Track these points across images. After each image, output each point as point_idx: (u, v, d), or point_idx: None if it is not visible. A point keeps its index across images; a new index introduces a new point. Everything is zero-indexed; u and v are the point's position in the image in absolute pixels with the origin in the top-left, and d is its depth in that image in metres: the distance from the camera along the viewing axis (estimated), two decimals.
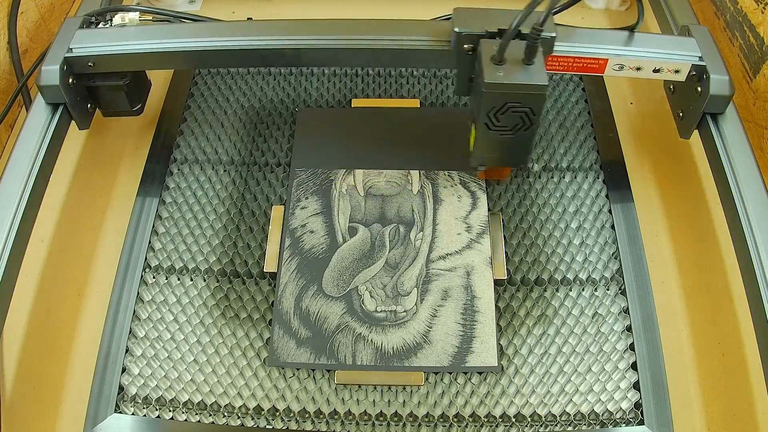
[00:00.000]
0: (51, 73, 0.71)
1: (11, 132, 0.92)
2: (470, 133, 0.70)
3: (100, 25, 0.78)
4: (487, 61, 0.62)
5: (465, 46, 0.66)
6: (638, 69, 0.72)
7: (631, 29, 0.73)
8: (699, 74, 0.72)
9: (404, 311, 0.71)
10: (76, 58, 0.73)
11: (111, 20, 0.78)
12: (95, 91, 0.78)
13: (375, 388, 0.67)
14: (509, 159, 0.71)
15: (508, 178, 0.81)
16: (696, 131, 0.76)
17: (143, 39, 0.73)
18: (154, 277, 0.75)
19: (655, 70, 0.73)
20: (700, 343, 0.73)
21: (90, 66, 0.74)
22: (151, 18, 0.80)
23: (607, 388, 0.67)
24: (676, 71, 0.73)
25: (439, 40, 0.70)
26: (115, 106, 0.80)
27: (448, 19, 0.76)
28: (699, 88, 0.72)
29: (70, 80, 0.73)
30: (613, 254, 0.76)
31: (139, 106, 0.82)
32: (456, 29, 0.66)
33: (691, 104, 0.74)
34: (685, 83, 0.74)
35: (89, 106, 0.78)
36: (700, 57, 0.72)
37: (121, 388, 0.67)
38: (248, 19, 0.92)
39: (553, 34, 0.66)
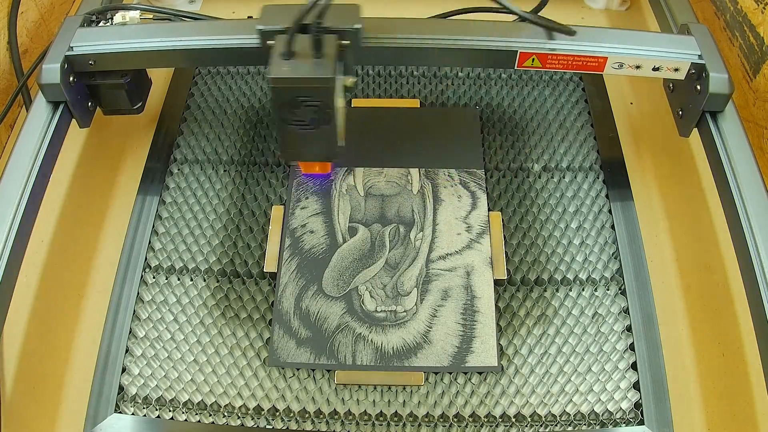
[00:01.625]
0: (52, 71, 0.71)
1: (11, 132, 0.92)
2: None
3: (101, 24, 0.78)
4: (276, 56, 0.62)
5: (268, 42, 0.65)
6: (638, 67, 0.72)
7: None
8: (698, 72, 0.72)
9: (404, 311, 0.71)
10: (76, 56, 0.73)
11: (112, 19, 0.78)
12: (96, 90, 0.78)
13: (375, 388, 0.67)
14: (317, 153, 0.70)
15: (501, 176, 0.81)
16: (695, 130, 0.76)
17: (144, 37, 0.73)
18: (154, 277, 0.75)
19: (655, 69, 0.73)
20: (700, 343, 0.73)
21: (91, 64, 0.74)
22: (151, 17, 0.80)
23: (607, 388, 0.67)
24: (676, 69, 0.73)
25: (251, 38, 0.70)
26: (116, 104, 0.80)
27: (447, 17, 0.76)
28: (698, 87, 0.72)
29: (71, 78, 0.73)
30: (613, 254, 0.76)
31: (140, 104, 0.82)
32: (258, 26, 0.66)
33: (691, 102, 0.74)
34: (685, 81, 0.74)
35: (90, 104, 0.78)
36: (699, 55, 0.72)
37: (121, 388, 0.67)
38: (248, 17, 0.92)
39: (358, 26, 0.65)
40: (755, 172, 0.69)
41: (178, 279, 0.75)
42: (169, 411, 0.66)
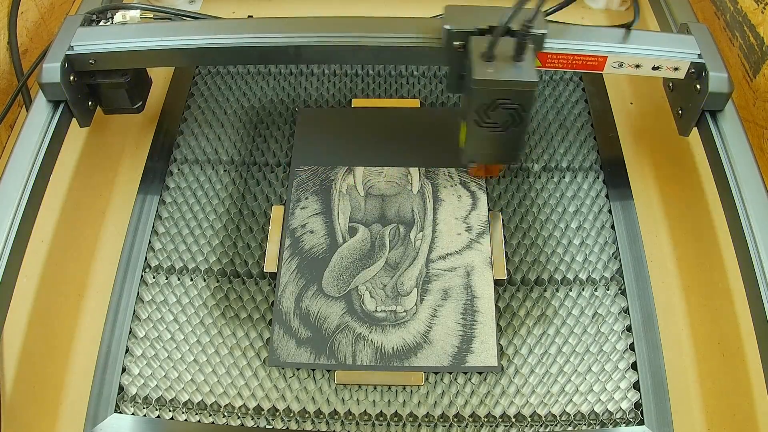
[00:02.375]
0: (52, 70, 0.71)
1: (11, 132, 0.92)
2: (460, 130, 0.70)
3: (101, 23, 0.78)
4: (477, 58, 0.62)
5: (455, 43, 0.66)
6: (637, 66, 0.72)
7: (627, 27, 0.73)
8: (698, 72, 0.72)
9: (404, 311, 0.71)
10: (77, 55, 0.73)
11: (112, 18, 0.79)
12: (96, 89, 0.78)
13: (375, 388, 0.67)
14: (500, 156, 0.71)
15: (502, 176, 0.81)
16: (695, 129, 0.76)
17: (144, 37, 0.73)
18: (154, 277, 0.75)
19: (654, 68, 0.73)
20: (700, 343, 0.73)
21: (91, 63, 0.74)
22: (151, 16, 0.80)
23: (607, 388, 0.67)
24: (675, 69, 0.73)
25: (431, 38, 0.71)
26: (116, 103, 0.80)
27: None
28: (698, 86, 0.72)
29: (71, 78, 0.73)
30: (613, 254, 0.75)
31: (140, 103, 0.82)
32: (446, 26, 0.67)
33: (691, 102, 0.74)
34: (684, 81, 0.74)
35: (90, 103, 0.78)
36: (699, 54, 0.72)
37: (121, 388, 0.67)
38: (249, 17, 0.92)
39: (544, 31, 0.66)
40: (755, 171, 0.69)
41: (178, 279, 0.75)
42: (169, 411, 0.66)
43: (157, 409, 0.66)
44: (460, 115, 0.70)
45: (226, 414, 0.66)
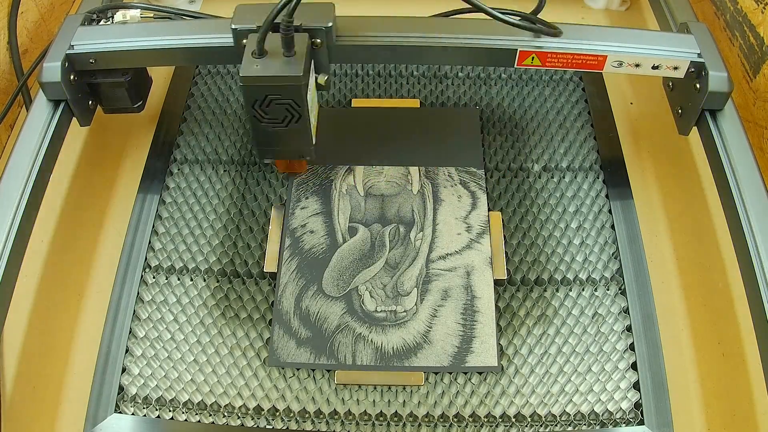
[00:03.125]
0: (52, 69, 0.71)
1: (11, 132, 0.92)
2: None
3: (102, 23, 0.78)
4: (248, 55, 0.63)
5: (243, 41, 0.66)
6: (637, 66, 0.72)
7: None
8: (698, 71, 0.72)
9: (404, 311, 0.71)
10: (77, 54, 0.73)
11: (112, 18, 0.79)
12: (96, 88, 0.78)
13: (375, 388, 0.67)
14: (291, 151, 0.71)
15: (501, 176, 0.81)
16: (695, 128, 0.76)
17: (144, 36, 0.74)
18: (154, 277, 0.75)
19: (654, 67, 0.73)
20: (700, 343, 0.73)
21: (91, 63, 0.74)
22: (152, 15, 0.80)
23: (607, 388, 0.67)
24: (675, 68, 0.73)
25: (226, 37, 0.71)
26: (117, 102, 0.80)
27: (447, 16, 0.76)
28: (698, 85, 0.72)
29: (72, 77, 0.73)
30: (613, 254, 0.75)
31: (140, 102, 0.82)
32: (232, 26, 0.67)
33: (690, 101, 0.74)
34: (684, 80, 0.74)
35: (90, 102, 0.78)
36: (698, 54, 0.72)
37: (121, 388, 0.67)
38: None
39: (329, 24, 0.66)
40: (755, 170, 0.69)
41: (178, 279, 0.75)
42: (169, 411, 0.66)
43: (157, 409, 0.66)
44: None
45: (226, 414, 0.66)
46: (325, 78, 0.68)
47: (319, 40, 0.67)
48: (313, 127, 0.68)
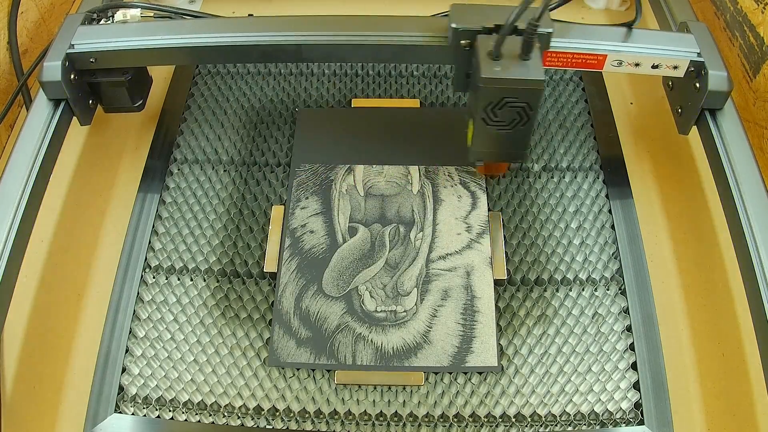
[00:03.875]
0: (53, 69, 0.71)
1: (11, 132, 0.92)
2: (468, 129, 0.70)
3: (102, 22, 0.78)
4: (484, 57, 0.63)
5: (462, 42, 0.66)
6: (637, 65, 0.73)
7: (629, 26, 0.73)
8: (697, 70, 0.72)
9: (404, 311, 0.71)
10: (77, 54, 0.73)
11: (112, 17, 0.79)
12: (97, 87, 0.78)
13: (375, 388, 0.67)
14: (507, 154, 0.71)
15: (503, 176, 0.81)
16: (695, 128, 0.76)
17: (145, 35, 0.74)
18: (154, 277, 0.75)
19: (654, 66, 0.73)
20: (700, 343, 0.73)
21: (92, 62, 0.74)
22: (152, 15, 0.80)
23: (607, 388, 0.67)
24: (675, 67, 0.73)
25: (437, 36, 0.71)
26: (117, 101, 0.80)
27: (445, 16, 0.76)
28: (697, 84, 0.72)
29: (72, 76, 0.73)
30: (613, 254, 0.75)
31: (141, 101, 0.82)
32: (453, 25, 0.67)
33: (690, 100, 0.74)
34: (684, 79, 0.74)
35: (91, 102, 0.78)
36: (698, 53, 0.72)
37: (121, 388, 0.67)
38: (249, 15, 0.92)
39: (550, 30, 0.66)
40: (754, 169, 0.69)
41: (178, 279, 0.75)
42: (169, 411, 0.66)
43: (157, 409, 0.66)
44: (467, 114, 0.70)
45: (226, 414, 0.66)
46: None
47: (541, 45, 0.66)
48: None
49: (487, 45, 0.63)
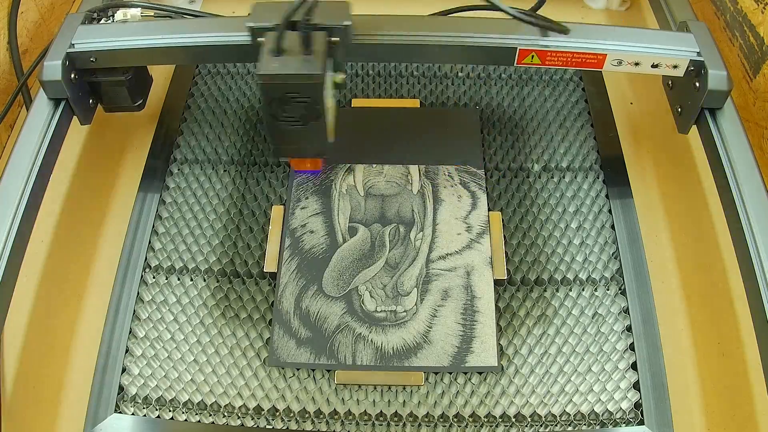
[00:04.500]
0: (53, 68, 0.71)
1: (11, 132, 0.92)
2: None
3: (102, 21, 0.78)
4: (266, 53, 0.62)
5: (258, 39, 0.66)
6: (636, 64, 0.72)
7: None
8: (697, 69, 0.72)
9: (404, 311, 0.71)
10: (78, 53, 0.73)
11: (113, 16, 0.79)
12: (97, 87, 0.78)
13: (375, 388, 0.67)
14: (308, 150, 0.71)
15: (501, 176, 0.81)
16: (695, 127, 0.76)
17: (145, 34, 0.74)
18: (154, 277, 0.75)
19: (654, 66, 0.73)
20: (700, 343, 0.73)
21: (92, 61, 0.74)
22: (152, 14, 0.80)
23: (607, 388, 0.67)
24: (675, 66, 0.73)
25: (242, 35, 0.70)
26: (117, 101, 0.80)
27: (446, 14, 0.76)
28: (697, 84, 0.72)
29: (72, 75, 0.73)
30: (613, 254, 0.75)
31: (141, 101, 0.82)
32: (247, 23, 0.67)
33: (690, 99, 0.74)
34: (684, 79, 0.74)
35: (91, 101, 0.78)
36: (698, 52, 0.72)
37: (121, 388, 0.67)
38: (249, 15, 0.92)
39: (348, 23, 0.66)
40: (754, 168, 0.69)
41: (178, 279, 0.75)
42: (169, 411, 0.66)
43: (157, 409, 0.66)
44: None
45: (226, 414, 0.66)
46: (342, 77, 0.68)
47: (336, 39, 0.66)
48: (330, 125, 0.68)
49: (271, 41, 0.62)
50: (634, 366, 0.68)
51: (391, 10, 0.73)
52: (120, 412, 0.66)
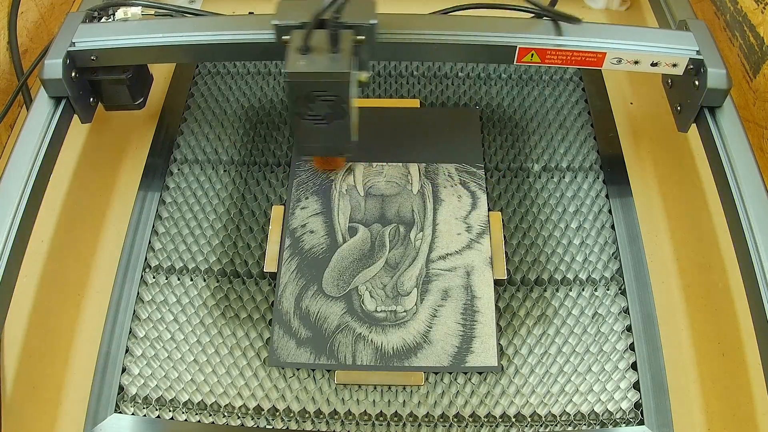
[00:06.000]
0: (54, 66, 0.71)
1: (11, 132, 0.92)
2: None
3: (103, 20, 0.78)
4: (293, 51, 0.62)
5: (283, 37, 0.66)
6: (636, 63, 0.73)
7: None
8: (696, 68, 0.72)
9: (404, 311, 0.71)
10: (78, 51, 0.73)
11: (113, 15, 0.79)
12: (97, 85, 0.78)
13: (375, 388, 0.67)
14: (331, 148, 0.71)
15: (501, 176, 0.81)
16: (695, 127, 0.76)
17: (145, 33, 0.74)
18: (154, 277, 0.75)
19: (653, 64, 0.73)
20: (700, 343, 0.73)
21: (93, 60, 0.74)
22: (152, 13, 0.80)
23: (607, 388, 0.67)
24: (674, 65, 0.73)
25: (266, 33, 0.70)
26: (118, 99, 0.80)
27: (447, 13, 0.76)
28: (696, 82, 0.72)
29: (73, 74, 0.73)
30: (613, 254, 0.75)
31: (141, 100, 0.82)
32: (273, 21, 0.67)
33: (689, 98, 0.74)
34: (683, 77, 0.74)
35: (91, 99, 0.78)
36: (697, 51, 0.72)
37: (121, 388, 0.67)
38: (249, 13, 0.92)
39: (373, 21, 0.66)
40: (754, 166, 0.69)
41: (178, 279, 0.75)
42: (169, 411, 0.66)
43: (157, 409, 0.66)
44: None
45: (226, 414, 0.66)
46: (367, 75, 0.68)
47: (362, 37, 0.66)
48: (353, 124, 0.68)
49: (298, 40, 0.62)
50: (634, 366, 0.68)
51: (390, 10, 0.73)
52: (120, 412, 0.66)
